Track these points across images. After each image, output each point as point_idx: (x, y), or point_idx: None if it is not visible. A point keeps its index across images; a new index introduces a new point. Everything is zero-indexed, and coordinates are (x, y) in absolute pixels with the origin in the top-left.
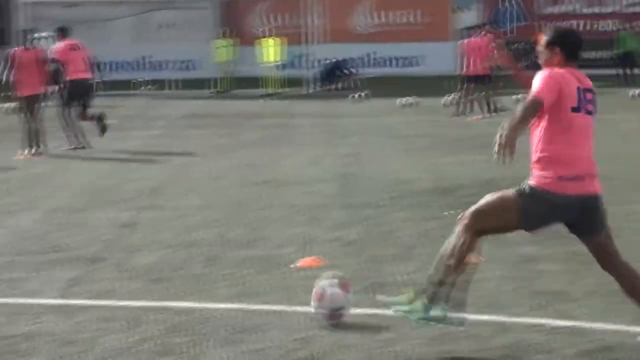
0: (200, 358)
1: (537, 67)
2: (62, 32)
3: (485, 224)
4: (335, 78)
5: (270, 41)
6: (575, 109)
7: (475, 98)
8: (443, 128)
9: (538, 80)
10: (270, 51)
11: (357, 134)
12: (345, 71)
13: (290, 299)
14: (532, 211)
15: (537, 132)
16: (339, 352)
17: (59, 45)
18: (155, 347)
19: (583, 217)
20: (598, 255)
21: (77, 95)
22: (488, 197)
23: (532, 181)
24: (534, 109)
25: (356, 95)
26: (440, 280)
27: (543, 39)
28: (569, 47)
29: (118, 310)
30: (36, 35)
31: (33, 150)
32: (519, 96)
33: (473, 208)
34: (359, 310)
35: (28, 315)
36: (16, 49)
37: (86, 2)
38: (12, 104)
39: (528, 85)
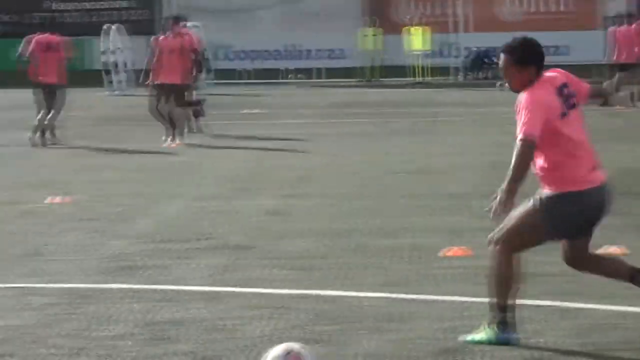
0: (346, 346)
1: None
2: (175, 21)
3: (516, 243)
4: (482, 67)
5: (417, 30)
6: (563, 114)
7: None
8: (591, 118)
9: (523, 113)
10: (417, 40)
11: (503, 123)
12: (492, 60)
13: (437, 288)
14: (556, 217)
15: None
16: (487, 344)
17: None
18: (301, 335)
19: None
20: (577, 254)
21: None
22: (511, 217)
23: (548, 190)
24: (530, 154)
25: (504, 84)
26: (499, 304)
27: (504, 60)
28: (540, 59)
29: (265, 298)
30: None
31: (177, 140)
32: None
33: (500, 232)
34: None
35: (176, 302)
36: (159, 36)
37: None
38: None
39: None
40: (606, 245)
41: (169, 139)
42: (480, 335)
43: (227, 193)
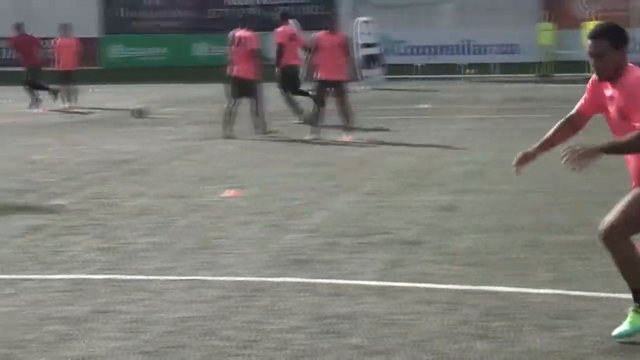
0: (517, 343)
1: None
2: (283, 18)
3: (630, 229)
4: None
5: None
6: None
7: None
8: None
9: None
10: None
11: None
12: None
13: (611, 285)
14: None
15: None
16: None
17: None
18: (472, 330)
19: None
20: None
21: (289, 80)
22: (620, 207)
23: None
24: None
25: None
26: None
27: (605, 43)
28: (627, 41)
29: (435, 293)
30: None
31: (348, 135)
32: None
33: (610, 224)
34: None
35: (348, 296)
36: (320, 33)
37: None
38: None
39: None
40: None
41: (344, 134)
42: (627, 325)
43: (398, 188)
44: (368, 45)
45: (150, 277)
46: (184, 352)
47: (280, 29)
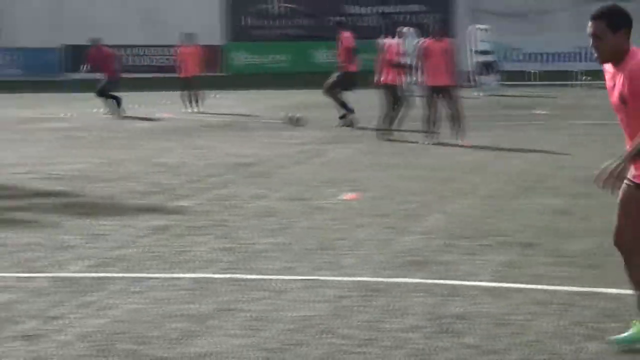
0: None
1: None
2: (340, 25)
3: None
4: None
5: None
6: None
7: None
8: None
9: None
10: None
11: None
12: None
13: None
14: None
15: None
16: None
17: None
18: (586, 331)
19: None
20: None
21: (349, 84)
22: (619, 218)
23: None
24: None
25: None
26: None
27: (602, 24)
28: (631, 23)
29: (550, 295)
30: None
31: (463, 138)
32: None
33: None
34: None
35: (464, 296)
36: (427, 40)
37: None
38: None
39: None
40: None
41: (460, 139)
42: (630, 333)
43: (514, 191)
44: (484, 53)
45: (271, 277)
46: (303, 350)
47: (347, 34)
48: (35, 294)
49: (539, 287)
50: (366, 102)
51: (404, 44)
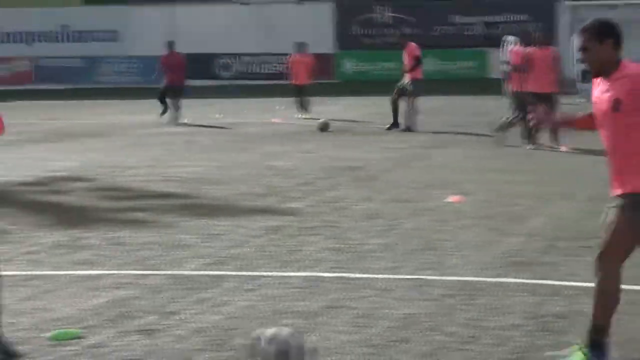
0: None
1: None
2: (405, 37)
3: (613, 257)
4: None
5: None
6: None
7: None
8: None
9: None
10: None
11: None
12: None
13: None
14: None
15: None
16: None
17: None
18: None
19: None
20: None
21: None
22: (603, 234)
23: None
24: None
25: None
26: (595, 326)
27: (588, 37)
28: (619, 36)
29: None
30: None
31: (562, 144)
32: None
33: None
34: None
35: (564, 296)
36: (531, 48)
37: (627, 4)
38: None
39: None
40: None
41: (561, 144)
42: (571, 357)
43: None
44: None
45: (378, 276)
46: (407, 346)
47: (413, 45)
48: (153, 291)
49: (637, 287)
50: (473, 108)
51: (506, 51)
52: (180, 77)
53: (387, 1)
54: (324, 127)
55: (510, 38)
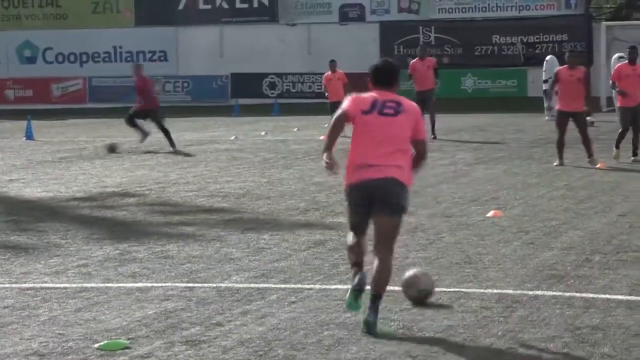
0: None
1: None
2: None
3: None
4: None
5: None
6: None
7: None
8: None
9: None
10: None
11: None
12: None
13: None
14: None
15: None
16: None
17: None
18: None
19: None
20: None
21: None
22: None
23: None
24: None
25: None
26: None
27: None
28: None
29: None
30: (619, 54)
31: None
32: None
33: None
34: None
35: (600, 309)
36: (562, 67)
37: None
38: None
39: None
40: None
41: (596, 161)
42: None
43: None
44: None
45: None
46: (447, 357)
47: (432, 59)
48: (199, 303)
49: None
50: (513, 125)
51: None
52: (154, 100)
53: (431, 22)
54: (112, 149)
55: (550, 57)
